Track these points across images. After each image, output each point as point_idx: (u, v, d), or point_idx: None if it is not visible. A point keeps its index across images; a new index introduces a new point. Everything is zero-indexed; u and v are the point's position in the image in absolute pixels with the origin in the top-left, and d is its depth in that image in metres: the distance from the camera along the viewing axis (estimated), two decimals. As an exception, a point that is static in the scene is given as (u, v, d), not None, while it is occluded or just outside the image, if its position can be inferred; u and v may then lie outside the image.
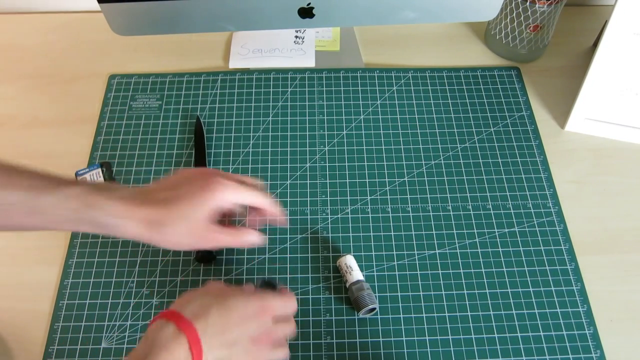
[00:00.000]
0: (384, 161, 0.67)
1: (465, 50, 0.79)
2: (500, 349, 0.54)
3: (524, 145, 0.69)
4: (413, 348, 0.54)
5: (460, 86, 0.74)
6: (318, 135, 0.69)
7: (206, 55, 0.79)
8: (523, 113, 0.72)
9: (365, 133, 0.69)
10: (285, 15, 0.66)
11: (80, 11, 0.85)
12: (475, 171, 0.66)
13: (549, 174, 0.66)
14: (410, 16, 0.66)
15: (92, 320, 0.56)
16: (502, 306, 0.57)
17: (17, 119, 0.71)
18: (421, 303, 0.57)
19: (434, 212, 0.63)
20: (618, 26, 0.62)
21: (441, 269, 0.59)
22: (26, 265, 0.60)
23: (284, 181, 0.65)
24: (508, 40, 0.75)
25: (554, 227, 0.62)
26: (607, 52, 0.64)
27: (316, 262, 0.59)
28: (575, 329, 0.55)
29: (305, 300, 0.57)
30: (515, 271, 0.59)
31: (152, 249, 0.60)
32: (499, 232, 0.61)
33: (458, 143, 0.69)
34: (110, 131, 0.70)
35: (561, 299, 0.57)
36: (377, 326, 0.55)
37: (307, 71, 0.76)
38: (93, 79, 0.76)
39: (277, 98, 0.73)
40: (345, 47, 0.79)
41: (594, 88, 0.67)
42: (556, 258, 0.60)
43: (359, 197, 0.64)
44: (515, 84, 0.75)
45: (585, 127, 0.70)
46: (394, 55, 0.78)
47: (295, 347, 0.54)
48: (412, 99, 0.73)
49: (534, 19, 0.71)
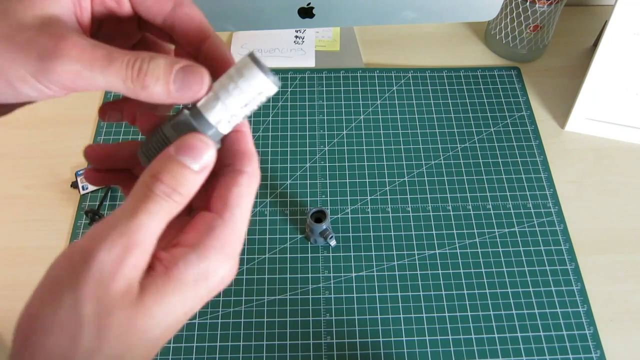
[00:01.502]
0: (384, 161, 0.67)
1: (465, 50, 0.79)
2: (500, 349, 0.54)
3: (524, 145, 0.69)
4: (413, 348, 0.54)
5: (460, 86, 0.74)
6: (318, 135, 0.69)
7: (206, 55, 0.78)
8: (523, 113, 0.72)
9: (365, 133, 0.69)
10: (285, 15, 0.66)
11: (80, 11, 0.85)
12: (475, 171, 0.66)
13: (549, 174, 0.66)
14: (410, 16, 0.66)
15: (92, 320, 0.56)
16: (502, 306, 0.57)
17: (17, 119, 0.71)
18: (421, 303, 0.57)
19: (434, 212, 0.63)
20: (618, 26, 0.62)
21: (441, 269, 0.59)
22: (26, 265, 0.60)
23: (284, 181, 0.65)
24: (508, 40, 0.75)
25: (554, 227, 0.62)
26: (607, 52, 0.64)
27: (316, 262, 0.59)
28: (575, 329, 0.55)
29: (305, 300, 0.57)
30: (515, 271, 0.59)
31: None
32: (499, 232, 0.61)
33: (458, 143, 0.69)
34: (110, 131, 0.70)
35: (561, 299, 0.57)
36: (377, 326, 0.55)
37: (307, 71, 0.76)
38: (93, 79, 0.76)
39: (277, 98, 0.73)
40: (345, 47, 0.79)
41: (594, 88, 0.67)
42: (556, 258, 0.60)
43: (359, 197, 0.64)
44: (515, 84, 0.75)
45: (585, 127, 0.70)
46: (394, 55, 0.78)
47: (295, 347, 0.54)
48: (412, 99, 0.73)
49: (534, 19, 0.71)
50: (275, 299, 0.57)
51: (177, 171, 0.24)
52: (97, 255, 0.22)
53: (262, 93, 0.26)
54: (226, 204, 0.26)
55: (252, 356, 0.53)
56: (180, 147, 0.25)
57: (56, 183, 0.65)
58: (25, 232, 0.61)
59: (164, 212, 0.24)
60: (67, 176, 0.66)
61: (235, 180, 0.26)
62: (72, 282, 0.22)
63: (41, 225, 0.62)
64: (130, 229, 0.23)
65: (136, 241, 0.23)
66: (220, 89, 0.26)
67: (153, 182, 0.24)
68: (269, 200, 0.64)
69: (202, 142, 0.25)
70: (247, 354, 0.54)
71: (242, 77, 0.25)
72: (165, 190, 0.24)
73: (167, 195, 0.24)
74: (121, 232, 0.23)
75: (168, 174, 0.24)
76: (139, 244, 0.23)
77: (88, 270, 0.22)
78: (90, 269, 0.22)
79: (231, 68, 0.26)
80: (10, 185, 0.65)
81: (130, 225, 0.23)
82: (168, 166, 0.24)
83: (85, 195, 0.64)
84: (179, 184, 0.24)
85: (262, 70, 0.25)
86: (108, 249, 0.22)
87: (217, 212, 0.26)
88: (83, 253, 0.23)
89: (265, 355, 0.54)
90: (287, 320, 0.56)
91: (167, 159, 0.25)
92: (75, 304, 0.22)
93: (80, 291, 0.22)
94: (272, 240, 0.61)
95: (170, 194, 0.24)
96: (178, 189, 0.24)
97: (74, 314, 0.22)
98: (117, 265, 0.22)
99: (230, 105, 0.26)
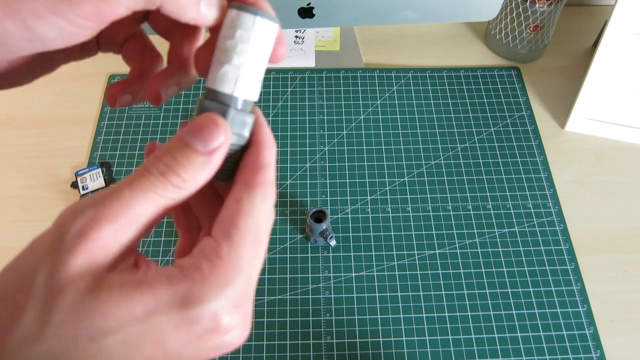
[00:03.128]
0: (384, 161, 0.67)
1: (465, 50, 0.79)
2: (500, 349, 0.54)
3: (524, 145, 0.69)
4: (413, 348, 0.54)
5: (460, 86, 0.74)
6: (318, 135, 0.69)
7: (206, 55, 0.78)
8: (523, 113, 0.72)
9: (365, 133, 0.69)
10: (285, 15, 0.66)
11: (80, 11, 0.85)
12: (475, 171, 0.66)
13: (549, 174, 0.66)
14: (410, 16, 0.66)
15: (92, 320, 0.56)
16: (502, 306, 0.57)
17: (17, 119, 0.71)
18: (421, 303, 0.57)
19: (434, 212, 0.63)
20: (618, 26, 0.62)
21: (441, 269, 0.59)
22: (26, 265, 0.60)
23: (284, 181, 0.65)
24: (508, 40, 0.75)
25: (554, 227, 0.62)
26: (607, 52, 0.64)
27: (316, 262, 0.59)
28: (575, 329, 0.55)
29: (305, 300, 0.57)
30: (515, 271, 0.59)
31: (152, 249, 0.60)
32: (499, 232, 0.61)
33: (458, 143, 0.69)
34: (110, 131, 0.70)
35: (561, 299, 0.57)
36: (377, 326, 0.55)
37: (307, 71, 0.76)
38: (93, 79, 0.76)
39: (277, 98, 0.73)
40: (345, 47, 0.79)
41: (594, 88, 0.67)
42: (556, 258, 0.60)
43: (359, 197, 0.64)
44: (515, 84, 0.75)
45: (585, 127, 0.70)
46: (394, 55, 0.78)
47: (295, 347, 0.54)
48: (412, 99, 0.73)
49: (534, 19, 0.71)
50: (275, 299, 0.57)
51: (178, 151, 0.21)
52: (64, 223, 0.20)
53: (263, 36, 0.24)
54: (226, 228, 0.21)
55: (252, 356, 0.53)
56: (189, 128, 0.22)
57: (56, 183, 0.65)
58: (25, 232, 0.61)
59: (154, 193, 0.21)
60: (67, 176, 0.66)
61: (235, 195, 0.22)
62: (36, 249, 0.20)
63: (41, 225, 0.62)
64: (105, 202, 0.20)
65: (108, 214, 0.20)
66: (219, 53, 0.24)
67: (152, 161, 0.21)
68: (269, 200, 0.64)
69: (209, 119, 0.22)
70: (247, 354, 0.54)
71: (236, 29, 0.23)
72: (160, 168, 0.21)
73: (162, 174, 0.21)
74: (95, 203, 0.20)
75: (168, 155, 0.21)
76: (110, 219, 0.20)
77: (52, 237, 0.20)
78: (53, 236, 0.20)
79: (222, 27, 0.24)
80: (10, 185, 0.65)
81: (110, 197, 0.20)
82: (170, 147, 0.22)
83: (85, 196, 0.64)
84: (178, 165, 0.21)
85: (252, 12, 0.23)
86: (76, 217, 0.19)
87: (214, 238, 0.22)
88: (57, 221, 0.20)
89: (265, 355, 0.54)
90: (287, 320, 0.56)
91: (173, 140, 0.22)
92: (30, 271, 0.19)
93: (38, 259, 0.19)
94: (272, 240, 0.61)
95: (166, 174, 0.21)
96: (177, 169, 0.21)
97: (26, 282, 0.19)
98: (79, 236, 0.19)
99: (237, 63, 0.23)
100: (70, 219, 0.20)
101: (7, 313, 0.19)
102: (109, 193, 0.20)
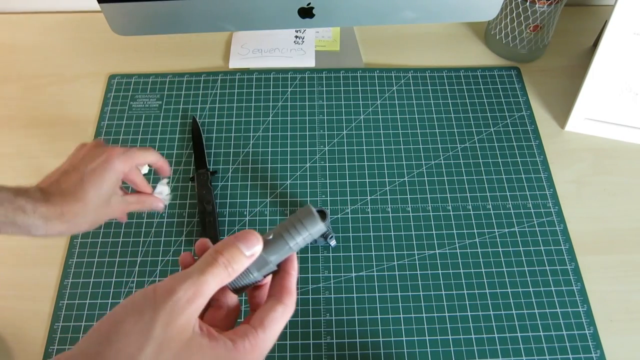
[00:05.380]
0: (384, 161, 0.67)
1: (465, 50, 0.79)
2: (500, 349, 0.54)
3: (524, 145, 0.69)
4: (413, 348, 0.54)
5: (460, 86, 0.74)
6: (318, 135, 0.69)
7: (206, 55, 0.79)
8: (523, 113, 0.72)
9: (365, 133, 0.69)
10: (285, 15, 0.66)
11: (80, 11, 0.85)
12: (475, 171, 0.66)
13: (549, 174, 0.66)
14: (410, 16, 0.66)
15: (92, 320, 0.56)
16: (502, 306, 0.57)
17: (17, 119, 0.71)
18: (421, 303, 0.57)
19: (434, 212, 0.63)
20: (618, 26, 0.62)
21: (441, 269, 0.59)
22: (26, 265, 0.60)
23: (284, 181, 0.65)
24: (508, 40, 0.75)
25: (554, 227, 0.62)
26: (607, 52, 0.64)
27: (316, 262, 0.59)
28: (575, 329, 0.55)
29: (305, 300, 0.57)
30: (515, 271, 0.59)
31: (152, 249, 0.60)
32: (499, 232, 0.61)
33: (458, 143, 0.69)
34: (110, 131, 0.70)
35: (561, 299, 0.57)
36: (377, 326, 0.55)
37: (307, 71, 0.76)
38: (93, 79, 0.76)
39: (277, 98, 0.73)
40: (345, 47, 0.79)
41: (594, 88, 0.67)
42: (556, 258, 0.60)
43: (359, 197, 0.64)
44: (515, 84, 0.75)
45: (585, 127, 0.70)
46: (394, 55, 0.78)
47: (295, 347, 0.54)
48: (412, 99, 0.73)
49: (534, 19, 0.71)
50: (275, 299, 0.57)
51: (233, 251, 0.32)
52: (177, 291, 0.30)
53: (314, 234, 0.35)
54: (262, 323, 0.33)
55: (252, 356, 0.53)
56: (240, 237, 0.33)
57: (56, 183, 0.65)
58: (25, 232, 0.61)
59: (220, 277, 0.32)
60: (67, 176, 0.66)
61: (274, 307, 0.34)
62: (154, 305, 0.29)
63: (41, 225, 0.62)
64: (200, 281, 0.31)
65: (202, 291, 0.31)
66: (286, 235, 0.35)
67: (217, 254, 0.32)
68: (269, 200, 0.64)
69: (254, 236, 0.33)
70: (247, 354, 0.53)
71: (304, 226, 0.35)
72: (224, 261, 0.32)
73: (225, 266, 0.32)
74: (193, 281, 0.30)
75: (227, 252, 0.32)
76: (202, 294, 0.31)
77: (168, 300, 0.29)
78: (169, 300, 0.29)
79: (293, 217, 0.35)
80: (10, 185, 0.65)
81: (201, 278, 0.31)
82: (228, 246, 0.33)
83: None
84: (233, 260, 0.32)
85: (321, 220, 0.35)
86: (185, 289, 0.30)
87: (253, 327, 0.33)
88: (166, 287, 0.30)
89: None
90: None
91: (228, 242, 0.33)
92: (151, 321, 0.29)
93: (157, 314, 0.29)
94: (272, 240, 0.61)
95: (227, 265, 0.32)
96: (232, 263, 0.32)
97: (148, 328, 0.29)
98: (187, 303, 0.30)
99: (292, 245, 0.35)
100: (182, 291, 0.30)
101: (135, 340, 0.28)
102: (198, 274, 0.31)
